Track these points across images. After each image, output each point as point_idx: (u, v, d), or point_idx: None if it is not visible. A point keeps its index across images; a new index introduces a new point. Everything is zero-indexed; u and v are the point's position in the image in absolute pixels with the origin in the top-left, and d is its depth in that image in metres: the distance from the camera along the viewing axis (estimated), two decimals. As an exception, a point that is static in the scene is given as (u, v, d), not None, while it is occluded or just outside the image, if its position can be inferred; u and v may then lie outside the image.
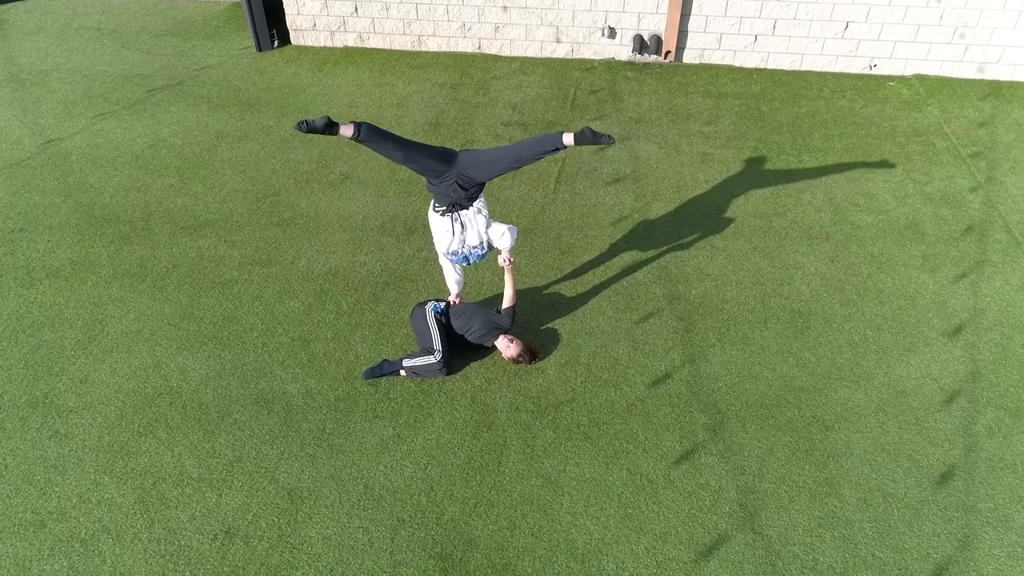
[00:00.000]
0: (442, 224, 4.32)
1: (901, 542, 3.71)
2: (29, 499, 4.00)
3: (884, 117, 7.27)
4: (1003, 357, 4.70)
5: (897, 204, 6.08)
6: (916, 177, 6.39)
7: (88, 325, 5.09)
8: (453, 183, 4.19)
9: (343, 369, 4.72)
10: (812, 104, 7.51)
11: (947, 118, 7.23)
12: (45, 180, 6.59)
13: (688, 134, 7.06)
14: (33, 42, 9.21)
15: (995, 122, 7.15)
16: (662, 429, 4.29)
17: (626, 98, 7.69)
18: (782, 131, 7.08)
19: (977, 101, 7.51)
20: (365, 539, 3.78)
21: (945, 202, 6.09)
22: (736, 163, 6.65)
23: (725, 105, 7.53)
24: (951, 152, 6.72)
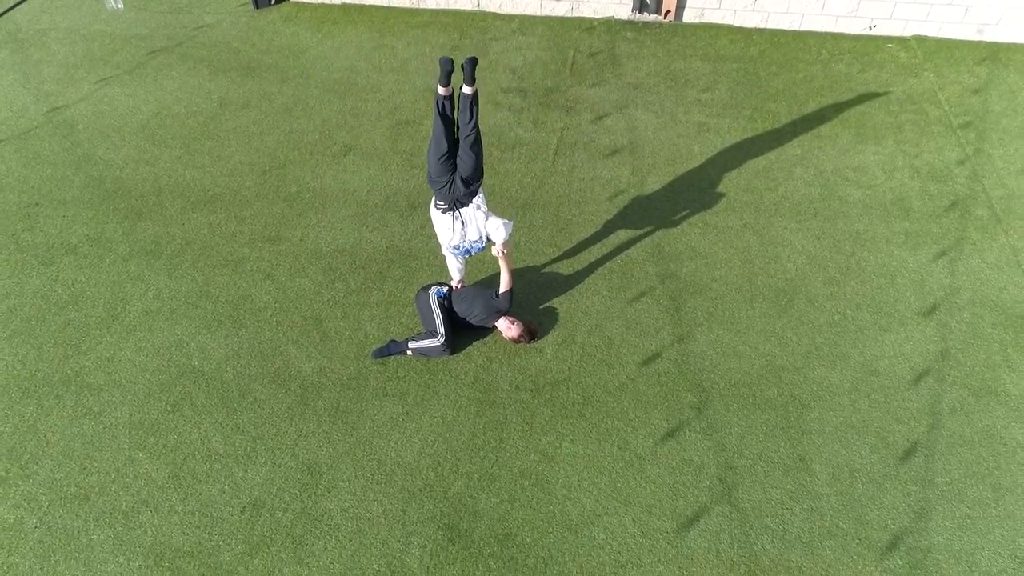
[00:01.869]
0: (444, 221, 4.54)
1: (863, 514, 4.11)
2: (72, 474, 4.38)
3: (880, 83, 7.34)
4: (972, 337, 5.01)
5: (886, 178, 6.26)
6: (906, 149, 6.55)
7: (110, 303, 5.37)
8: (457, 178, 4.40)
9: (353, 348, 5.03)
10: (809, 69, 7.56)
11: (942, 84, 7.31)
12: (54, 151, 6.73)
13: (685, 102, 7.16)
14: None
15: (989, 88, 7.24)
16: (651, 407, 4.64)
17: (625, 62, 7.73)
18: (778, 99, 7.18)
19: (974, 65, 7.56)
20: (380, 511, 4.18)
21: (932, 176, 6.27)
22: (732, 133, 6.78)
23: (723, 70, 7.58)
24: (943, 122, 6.85)
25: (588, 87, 7.38)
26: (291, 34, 8.28)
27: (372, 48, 8.02)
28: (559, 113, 7.04)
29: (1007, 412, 4.57)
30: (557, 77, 7.53)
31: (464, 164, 4.39)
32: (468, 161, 4.39)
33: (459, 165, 4.41)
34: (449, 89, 4.39)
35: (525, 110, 7.10)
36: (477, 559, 3.97)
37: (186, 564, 3.98)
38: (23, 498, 4.28)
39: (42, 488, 4.32)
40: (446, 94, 4.36)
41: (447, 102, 4.38)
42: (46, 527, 4.15)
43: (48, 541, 4.09)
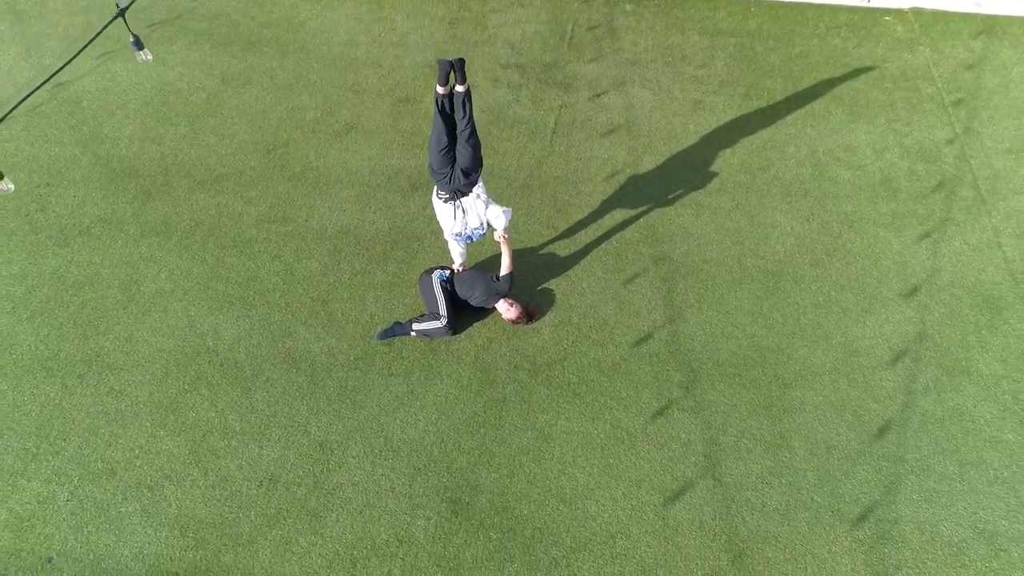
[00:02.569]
0: (446, 210, 4.73)
1: (837, 488, 4.43)
2: (98, 450, 4.68)
3: (875, 59, 7.42)
4: (950, 318, 5.26)
5: (876, 158, 6.42)
6: (897, 128, 6.68)
7: (124, 284, 5.59)
8: (458, 170, 4.57)
9: (360, 329, 5.28)
10: (806, 43, 7.62)
11: (937, 59, 7.38)
12: (61, 130, 6.85)
13: (682, 78, 7.24)
14: (23, -35, 9.06)
15: (983, 64, 7.32)
16: (642, 387, 4.91)
17: (623, 35, 7.77)
18: (774, 75, 7.26)
19: (969, 39, 7.62)
20: (388, 485, 4.49)
21: (921, 156, 6.42)
22: (727, 111, 6.90)
23: (720, 44, 7.63)
24: (935, 99, 6.96)
25: (586, 63, 7.45)
26: (290, 5, 8.28)
27: (371, 21, 8.04)
28: (557, 90, 7.13)
29: (977, 391, 4.84)
30: (556, 52, 7.59)
31: (463, 157, 4.56)
32: (466, 154, 4.55)
33: (458, 158, 4.58)
34: (448, 88, 4.52)
35: (524, 87, 7.19)
36: (479, 530, 4.29)
37: (209, 534, 4.31)
38: (54, 473, 4.58)
39: (71, 464, 4.62)
40: (445, 93, 4.50)
41: (446, 100, 4.52)
42: (77, 500, 4.46)
43: (80, 513, 4.41)
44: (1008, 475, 4.45)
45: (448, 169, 4.60)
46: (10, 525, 4.36)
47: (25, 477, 4.56)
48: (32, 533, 4.34)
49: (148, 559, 4.22)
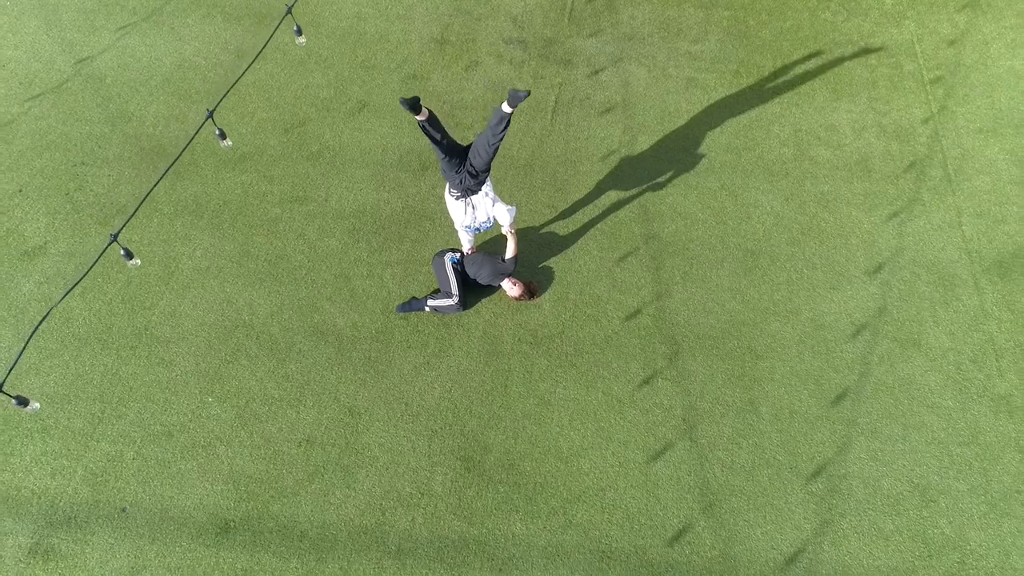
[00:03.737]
0: (457, 206, 5.26)
1: (796, 448, 5.14)
2: (156, 414, 5.37)
3: (862, 34, 7.74)
4: (908, 294, 5.86)
5: (854, 137, 6.88)
6: (877, 107, 7.10)
7: (164, 262, 6.17)
8: (465, 173, 5.07)
9: (379, 304, 5.89)
10: (797, 17, 7.92)
11: (921, 34, 7.71)
12: (88, 108, 7.26)
13: (676, 54, 7.60)
14: (32, -72, 9.18)
15: (964, 40, 7.66)
16: (630, 358, 5.57)
17: (621, 9, 8.06)
18: (764, 51, 7.61)
19: (954, 13, 7.92)
20: (409, 446, 5.20)
21: (897, 135, 6.88)
22: (718, 89, 7.30)
23: (714, 18, 7.93)
24: (915, 76, 7.34)
25: (585, 37, 7.78)
26: (298, -25, 8.50)
27: (378, -8, 8.29)
28: (557, 67, 7.50)
29: (925, 362, 5.50)
30: (556, 26, 7.90)
31: (479, 158, 5.02)
32: (483, 156, 5.01)
33: (472, 157, 5.04)
34: (425, 112, 4.85)
35: (526, 63, 7.56)
36: (488, 484, 5.03)
37: (258, 488, 5.04)
38: (119, 435, 5.29)
39: (133, 426, 5.32)
40: (424, 118, 4.86)
41: (427, 124, 4.88)
42: (142, 459, 5.18)
43: (145, 470, 5.14)
44: (944, 436, 5.16)
45: (458, 172, 5.09)
46: (86, 480, 5.10)
47: (95, 438, 5.27)
48: (106, 487, 5.07)
49: (207, 509, 4.97)
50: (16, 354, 4.32)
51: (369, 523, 4.89)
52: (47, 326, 5.80)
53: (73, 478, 5.10)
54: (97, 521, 4.94)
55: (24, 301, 5.96)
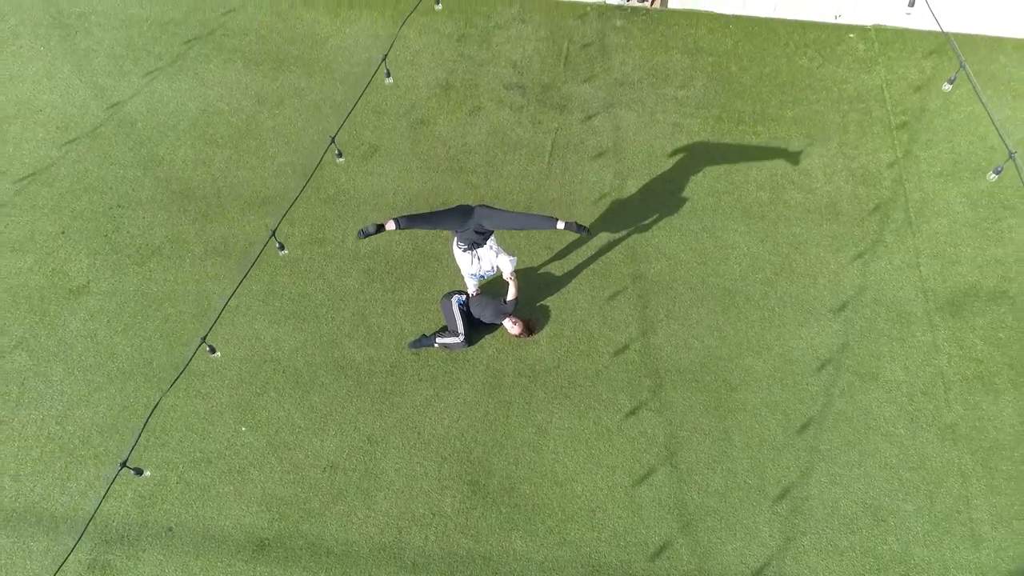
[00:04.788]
0: (464, 257, 5.91)
1: (765, 472, 5.81)
2: (195, 443, 6.02)
3: (836, 80, 8.37)
4: (868, 330, 6.52)
5: (825, 181, 7.52)
6: (847, 151, 7.74)
7: (197, 300, 6.81)
8: (471, 230, 5.72)
9: (393, 340, 6.54)
10: (776, 63, 8.54)
11: (890, 79, 8.34)
12: (122, 151, 7.87)
13: (664, 100, 8.22)
14: (60, -28, 9.76)
15: (930, 86, 8.30)
16: (618, 390, 6.23)
17: (613, 54, 8.68)
18: (744, 96, 8.24)
19: (922, 59, 8.55)
20: (421, 471, 5.86)
21: (864, 179, 7.52)
22: (701, 133, 7.93)
23: (700, 64, 8.55)
24: (883, 122, 7.98)
25: (580, 83, 8.40)
26: (311, 20, 9.11)
27: (387, 37, 8.88)
28: (554, 112, 8.13)
29: (882, 394, 6.17)
30: (553, 71, 8.52)
31: (490, 224, 5.68)
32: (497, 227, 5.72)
33: (483, 220, 5.65)
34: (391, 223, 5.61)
35: (524, 108, 8.18)
36: (492, 506, 5.70)
37: (288, 509, 5.71)
38: (163, 461, 5.94)
39: (175, 453, 5.98)
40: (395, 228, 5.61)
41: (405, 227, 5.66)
42: (185, 483, 5.84)
43: (188, 493, 5.79)
44: (895, 462, 5.83)
45: (465, 231, 5.73)
46: (136, 503, 5.75)
47: (143, 465, 5.90)
48: (153, 509, 5.73)
49: (244, 529, 5.64)
50: (136, 433, 4.96)
51: (387, 541, 5.56)
52: (94, 360, 6.45)
53: (124, 500, 5.76)
54: (147, 539, 5.61)
55: (72, 338, 6.60)
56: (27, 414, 6.18)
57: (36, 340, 6.57)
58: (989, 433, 5.95)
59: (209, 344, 4.76)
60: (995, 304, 6.63)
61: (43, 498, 5.78)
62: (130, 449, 4.39)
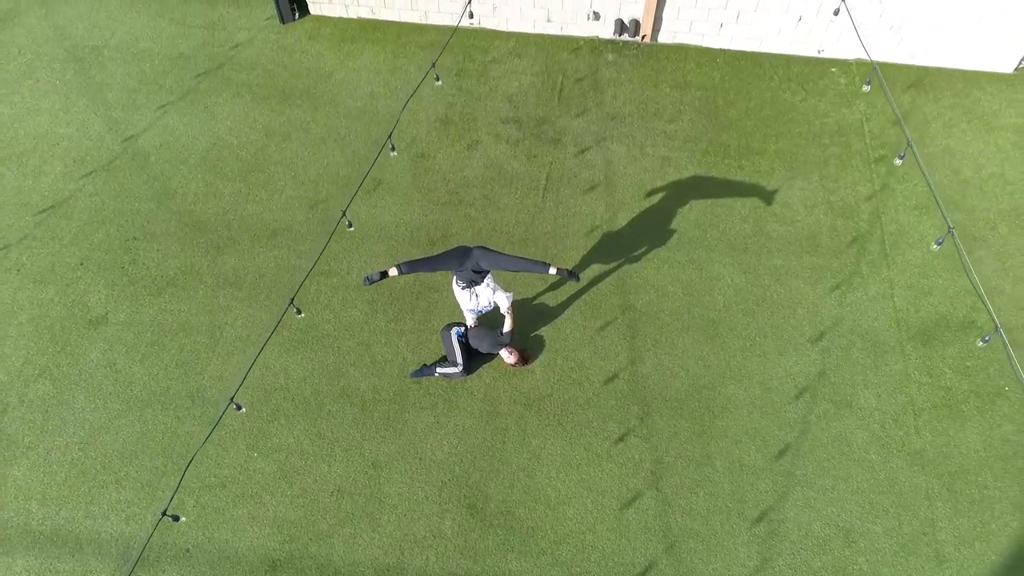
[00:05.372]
0: (463, 294, 6.29)
1: (744, 496, 6.20)
2: (211, 468, 6.41)
3: (818, 113, 8.77)
4: (844, 360, 6.92)
5: (806, 214, 7.91)
6: (827, 184, 8.13)
7: (210, 330, 7.20)
8: (469, 270, 6.11)
9: (396, 369, 6.93)
10: (760, 97, 8.94)
11: (870, 114, 8.74)
12: (137, 184, 8.26)
13: (653, 134, 8.61)
14: (73, 7, 10.14)
15: (908, 119, 8.68)
16: (608, 418, 6.62)
17: (605, 88, 9.07)
18: (730, 130, 8.63)
19: (901, 92, 8.95)
20: (423, 495, 6.25)
21: (843, 212, 7.91)
22: (689, 167, 8.32)
23: (688, 98, 8.95)
24: (862, 155, 8.37)
25: (573, 117, 8.79)
26: (316, 55, 9.50)
27: (388, 72, 9.29)
28: (548, 146, 8.52)
29: (855, 421, 6.56)
30: (547, 106, 8.91)
31: (487, 265, 6.04)
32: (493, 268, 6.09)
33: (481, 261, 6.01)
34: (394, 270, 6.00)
35: (520, 142, 8.57)
36: (489, 528, 6.09)
37: (299, 532, 6.10)
38: (181, 487, 6.32)
39: (193, 479, 6.36)
40: (398, 273, 6.00)
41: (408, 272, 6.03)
42: (201, 507, 6.23)
43: (204, 517, 6.18)
44: (866, 486, 6.22)
45: (464, 271, 6.12)
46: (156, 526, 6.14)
47: (160, 489, 6.31)
48: (172, 531, 6.12)
49: (257, 550, 6.02)
50: (175, 483, 5.35)
51: (391, 562, 5.95)
52: (113, 389, 6.84)
53: (144, 523, 6.15)
54: (167, 560, 6.00)
55: (92, 367, 6.99)
56: (51, 440, 6.57)
57: (59, 369, 6.96)
58: (955, 458, 6.34)
59: (236, 402, 5.13)
60: (964, 334, 7.03)
61: (68, 521, 6.17)
62: (169, 499, 4.80)
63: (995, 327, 4.85)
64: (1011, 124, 8.58)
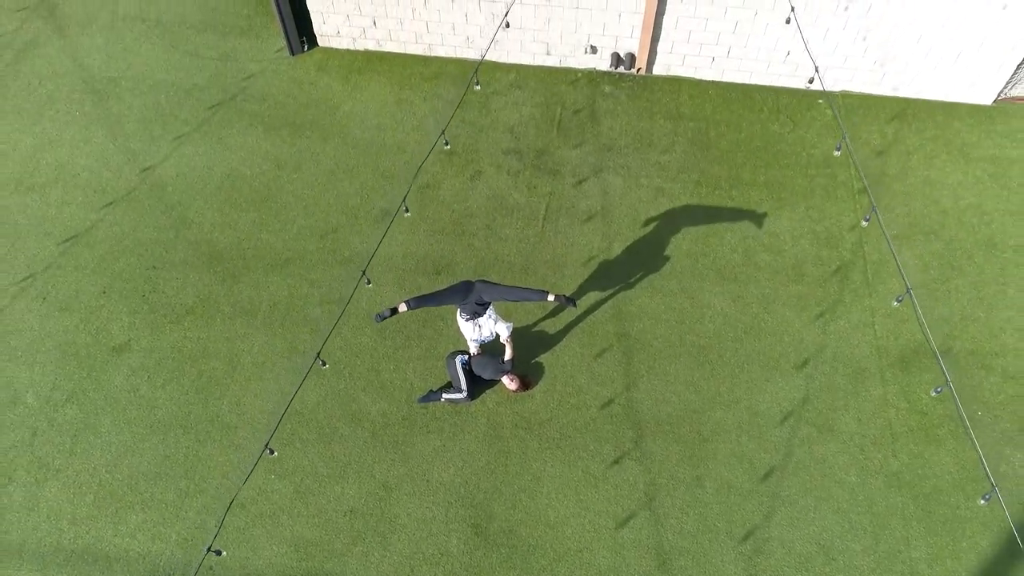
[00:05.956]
0: (467, 326, 6.71)
1: (732, 516, 6.62)
2: (231, 489, 6.80)
3: (804, 144, 9.18)
4: (827, 386, 7.33)
5: (792, 244, 8.33)
6: (813, 215, 8.55)
7: (228, 358, 7.60)
8: (472, 303, 6.52)
9: (404, 394, 7.34)
10: (750, 129, 9.35)
11: (855, 145, 9.15)
12: (155, 215, 8.66)
13: (647, 165, 9.02)
14: (89, 38, 10.54)
15: (890, 150, 9.11)
16: (604, 441, 7.03)
17: (602, 119, 9.48)
18: (721, 161, 9.04)
19: (884, 124, 9.37)
20: (430, 515, 6.66)
21: (828, 242, 8.33)
22: (681, 197, 8.73)
23: (681, 129, 9.36)
24: (847, 186, 8.79)
25: (571, 148, 9.20)
26: (325, 86, 9.90)
27: (394, 103, 9.69)
28: (547, 177, 8.93)
29: (837, 444, 6.98)
30: (546, 137, 9.32)
31: (489, 296, 6.46)
32: (496, 299, 6.50)
33: (484, 294, 6.44)
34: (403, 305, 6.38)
35: (521, 173, 8.98)
36: (493, 547, 6.51)
37: (314, 550, 6.51)
38: (203, 506, 6.74)
39: (213, 499, 6.77)
40: (407, 309, 6.39)
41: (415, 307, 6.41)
42: (223, 526, 6.63)
43: (225, 536, 6.59)
44: (846, 507, 6.64)
45: (467, 303, 6.53)
46: (180, 544, 6.55)
47: (183, 509, 6.72)
48: (195, 549, 6.52)
49: (276, 568, 6.44)
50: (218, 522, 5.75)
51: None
52: (137, 413, 7.25)
53: (169, 542, 6.56)
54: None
55: (117, 392, 7.39)
56: (80, 463, 6.97)
57: (85, 395, 7.36)
58: (930, 480, 6.77)
59: (270, 447, 5.55)
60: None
61: (97, 540, 6.57)
62: (214, 535, 5.27)
63: (945, 381, 5.32)
64: (988, 155, 9.00)
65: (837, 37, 9.11)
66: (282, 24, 9.83)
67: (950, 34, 8.84)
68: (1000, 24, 8.65)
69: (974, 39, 8.87)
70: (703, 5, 9.03)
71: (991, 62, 9.06)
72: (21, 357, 7.60)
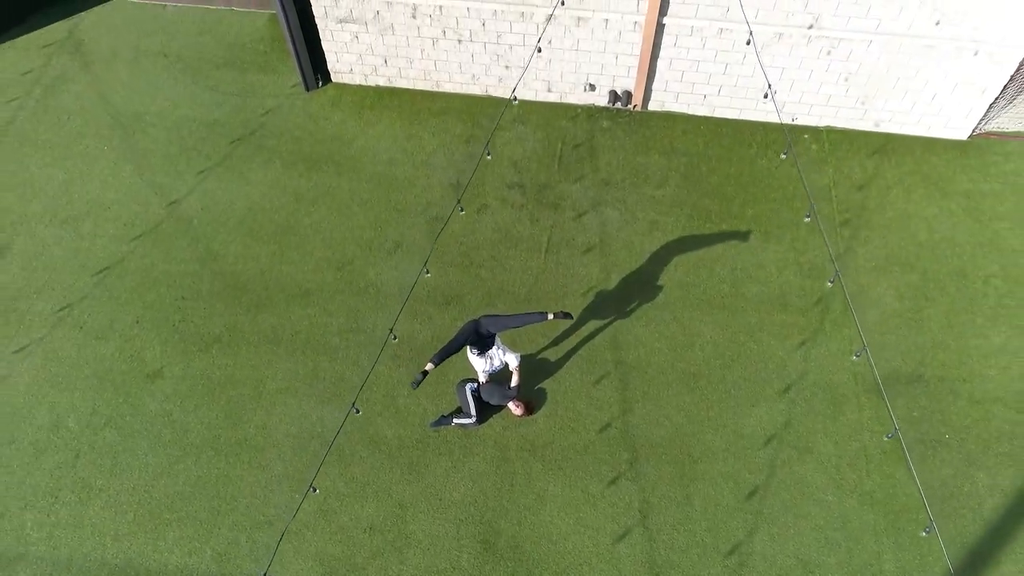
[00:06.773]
0: (479, 361, 7.33)
1: (718, 532, 7.24)
2: (259, 508, 7.43)
3: (790, 178, 9.78)
4: (808, 410, 7.95)
5: (777, 275, 8.94)
6: (797, 247, 9.16)
7: (253, 383, 8.21)
8: (483, 337, 7.13)
9: (417, 419, 7.95)
10: (740, 164, 9.95)
11: (837, 179, 9.76)
12: (181, 248, 9.26)
13: (643, 199, 9.63)
14: (114, 73, 11.11)
15: (870, 185, 9.71)
16: (601, 462, 7.65)
17: (600, 154, 10.08)
18: (712, 195, 9.65)
19: (865, 158, 9.97)
20: (443, 532, 7.28)
21: (810, 273, 8.94)
22: (674, 231, 9.34)
23: (674, 165, 9.96)
24: (829, 219, 9.40)
25: (571, 183, 9.80)
26: (339, 122, 10.49)
27: (405, 139, 10.28)
28: (549, 211, 9.53)
29: (815, 465, 7.60)
30: (548, 171, 9.92)
31: (495, 328, 7.08)
32: (501, 329, 7.11)
33: (489, 326, 7.06)
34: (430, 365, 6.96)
35: (524, 207, 9.58)
36: (500, 561, 7.13)
37: (337, 565, 7.13)
38: (234, 523, 7.35)
39: (243, 517, 7.39)
40: (431, 367, 6.96)
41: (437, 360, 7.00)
42: (252, 542, 7.25)
43: (255, 551, 7.21)
44: (823, 524, 7.26)
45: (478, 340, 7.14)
46: (214, 558, 7.17)
47: (216, 526, 7.34)
48: (228, 563, 7.15)
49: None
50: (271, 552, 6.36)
51: (417, 590, 6.99)
52: (171, 437, 7.86)
53: (204, 557, 7.18)
54: (225, 589, 7.03)
55: (152, 416, 8.00)
56: (120, 483, 7.59)
57: (122, 419, 7.97)
58: (900, 499, 7.39)
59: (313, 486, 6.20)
60: (912, 386, 8.07)
61: (138, 555, 7.19)
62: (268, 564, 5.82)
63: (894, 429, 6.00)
64: (963, 189, 9.60)
65: (821, 77, 9.71)
66: (297, 61, 10.42)
67: (925, 78, 9.44)
68: (971, 68, 9.24)
69: (947, 83, 9.46)
70: (695, 49, 9.62)
71: (964, 103, 9.65)
72: (62, 383, 8.21)
